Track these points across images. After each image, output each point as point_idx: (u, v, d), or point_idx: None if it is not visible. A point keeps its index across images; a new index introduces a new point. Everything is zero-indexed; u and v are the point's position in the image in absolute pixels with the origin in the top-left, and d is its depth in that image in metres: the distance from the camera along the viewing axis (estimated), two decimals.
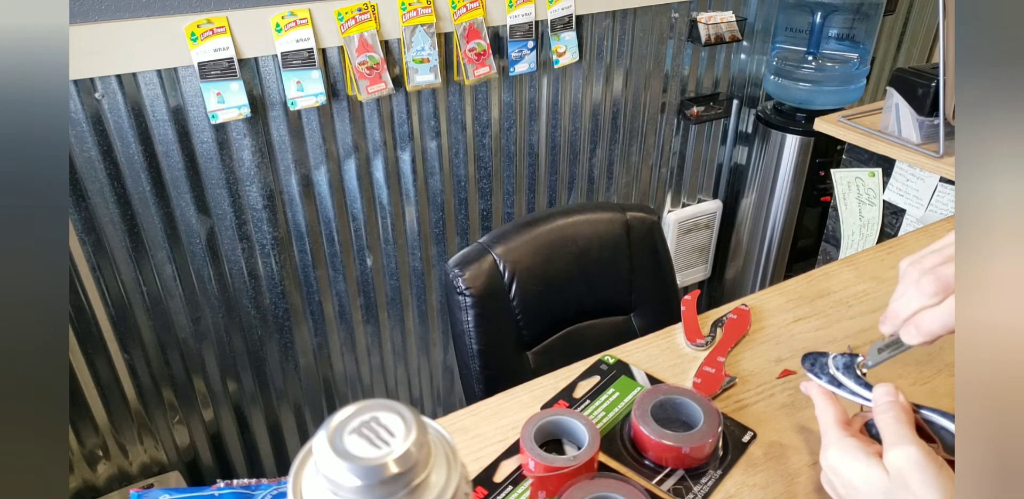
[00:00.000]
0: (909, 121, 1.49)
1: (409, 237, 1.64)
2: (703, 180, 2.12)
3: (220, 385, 1.56)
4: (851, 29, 1.88)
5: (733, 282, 2.25)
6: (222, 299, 1.47)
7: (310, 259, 1.53)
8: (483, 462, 0.68)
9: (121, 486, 1.54)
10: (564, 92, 1.68)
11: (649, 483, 0.66)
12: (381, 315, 1.70)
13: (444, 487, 0.36)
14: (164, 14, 1.17)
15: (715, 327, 0.86)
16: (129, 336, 1.40)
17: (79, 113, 1.18)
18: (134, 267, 1.35)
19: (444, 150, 1.58)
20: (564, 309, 1.18)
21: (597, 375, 0.79)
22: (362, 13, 1.31)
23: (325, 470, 0.34)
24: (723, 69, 1.95)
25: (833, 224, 1.75)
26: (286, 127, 1.37)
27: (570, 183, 1.83)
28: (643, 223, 1.20)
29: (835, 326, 0.86)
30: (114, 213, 1.28)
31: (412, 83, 1.42)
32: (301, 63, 1.29)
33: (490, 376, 1.10)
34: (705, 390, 0.76)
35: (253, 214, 1.41)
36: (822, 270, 0.98)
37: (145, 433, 1.52)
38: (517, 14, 1.49)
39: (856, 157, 1.63)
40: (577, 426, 0.66)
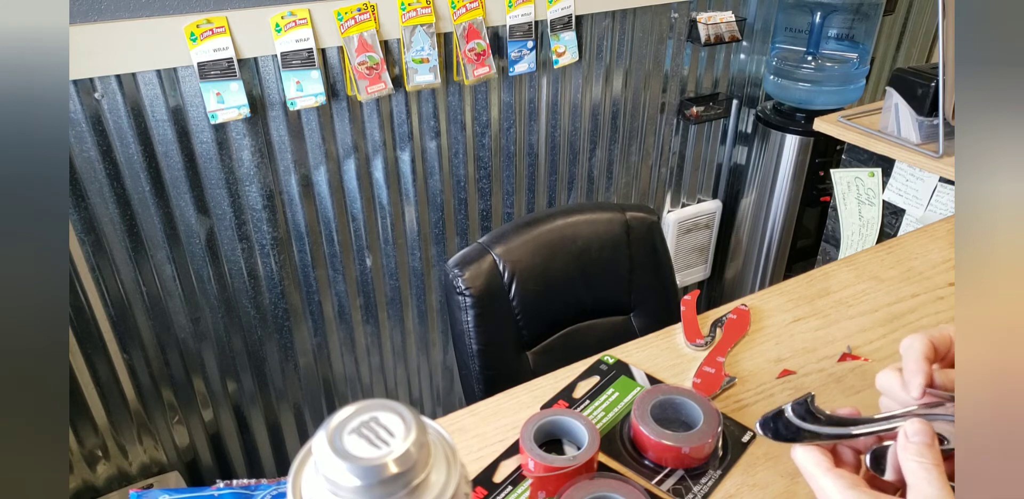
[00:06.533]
0: (909, 121, 1.49)
1: (409, 237, 1.64)
2: (703, 180, 2.12)
3: (220, 385, 1.56)
4: (851, 29, 1.88)
5: (733, 282, 2.25)
6: (222, 299, 1.47)
7: (310, 259, 1.53)
8: (483, 462, 0.68)
9: (121, 486, 1.54)
10: (564, 92, 1.68)
11: (649, 483, 0.66)
12: (381, 315, 1.70)
13: (444, 487, 0.36)
14: (164, 14, 1.17)
15: (715, 327, 0.86)
16: (129, 336, 1.40)
17: (79, 113, 1.18)
18: (133, 267, 1.35)
19: (444, 150, 1.58)
20: (564, 309, 1.18)
21: (597, 375, 0.79)
22: (362, 13, 1.31)
23: (325, 470, 0.34)
24: (723, 69, 1.95)
25: (833, 224, 1.75)
26: (286, 127, 1.37)
27: (570, 183, 1.83)
28: (643, 223, 1.20)
29: (834, 326, 0.86)
30: (113, 213, 1.28)
31: (412, 83, 1.42)
32: (301, 63, 1.29)
33: (490, 376, 1.10)
34: (705, 390, 0.76)
35: (253, 214, 1.41)
36: (822, 270, 0.98)
37: (145, 433, 1.52)
38: (517, 14, 1.49)
39: (856, 157, 1.63)
40: (577, 426, 0.66)
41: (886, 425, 0.50)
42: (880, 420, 0.50)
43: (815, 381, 0.78)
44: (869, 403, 0.74)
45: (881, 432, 0.50)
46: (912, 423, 0.48)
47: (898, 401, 0.53)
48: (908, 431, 0.47)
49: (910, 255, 1.01)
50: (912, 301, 0.91)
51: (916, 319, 0.87)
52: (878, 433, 0.50)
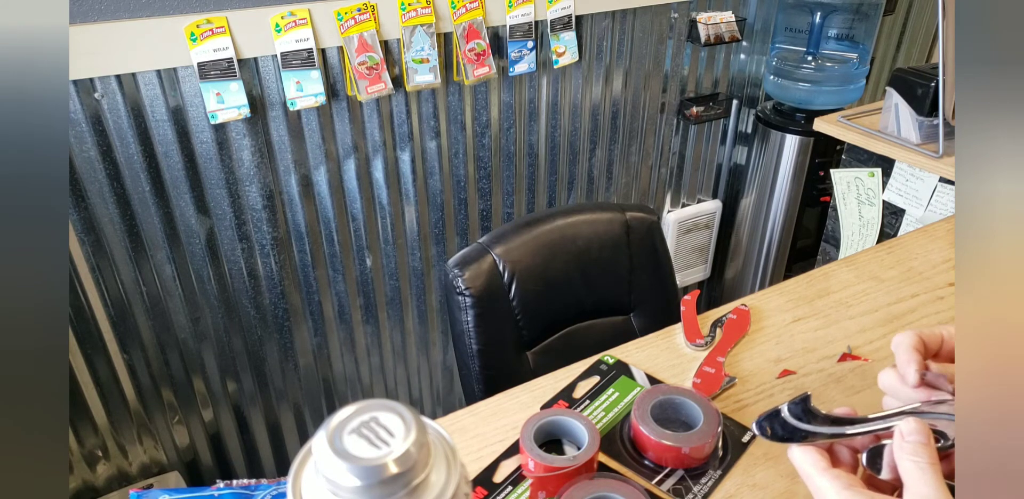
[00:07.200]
0: (909, 121, 1.49)
1: (409, 237, 1.64)
2: (703, 180, 2.12)
3: (220, 385, 1.56)
4: (850, 29, 1.88)
5: (733, 282, 2.25)
6: (221, 299, 1.47)
7: (310, 259, 1.53)
8: (483, 462, 0.68)
9: (121, 486, 1.54)
10: (564, 92, 1.68)
11: (649, 483, 0.66)
12: (381, 315, 1.70)
13: (444, 487, 0.36)
14: (164, 14, 1.17)
15: (715, 327, 0.86)
16: (128, 336, 1.40)
17: (79, 113, 1.18)
18: (133, 267, 1.35)
19: (444, 150, 1.58)
20: (564, 309, 1.18)
21: (597, 375, 0.79)
22: (362, 13, 1.31)
23: (325, 470, 0.34)
24: (723, 69, 1.95)
25: (833, 224, 1.75)
26: (286, 127, 1.37)
27: (570, 183, 1.83)
28: (643, 223, 1.20)
29: (834, 326, 0.86)
30: (113, 213, 1.28)
31: (412, 83, 1.42)
32: (301, 63, 1.29)
33: (490, 376, 1.10)
34: (705, 390, 0.76)
35: (253, 214, 1.41)
36: (822, 270, 0.98)
37: (144, 433, 1.52)
38: (517, 14, 1.49)
39: (856, 157, 1.63)
40: (577, 426, 0.66)
41: (882, 424, 0.50)
42: (876, 419, 0.50)
43: (815, 381, 0.78)
44: (869, 403, 0.74)
45: (877, 431, 0.50)
46: (908, 422, 0.48)
47: (901, 398, 0.54)
48: (904, 430, 0.47)
49: (910, 255, 1.01)
50: (912, 301, 0.91)
51: (916, 319, 0.87)
52: (874, 432, 0.50)
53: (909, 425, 0.47)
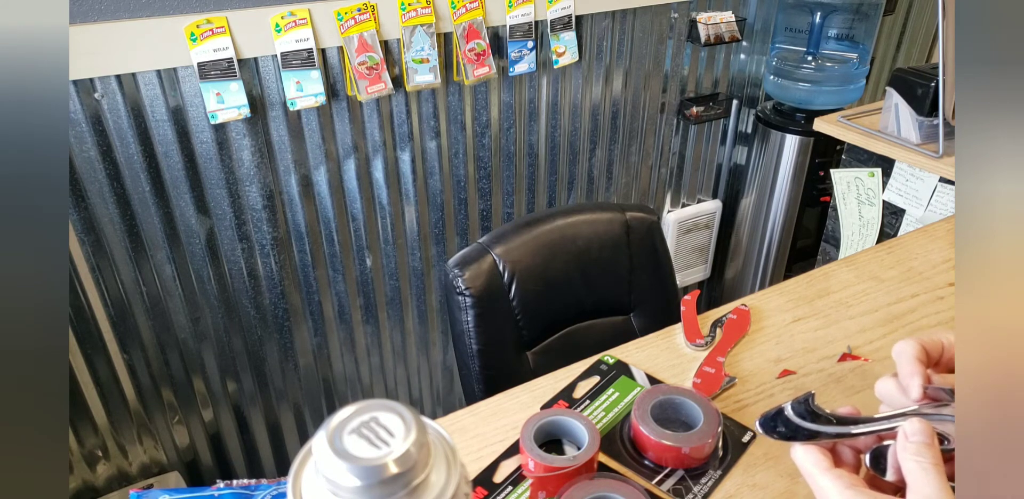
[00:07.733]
0: (909, 121, 1.49)
1: (409, 237, 1.64)
2: (703, 180, 2.12)
3: (220, 385, 1.56)
4: (850, 29, 1.88)
5: (733, 282, 2.25)
6: (222, 299, 1.47)
7: (310, 259, 1.53)
8: (483, 462, 0.68)
9: (121, 486, 1.54)
10: (564, 92, 1.68)
11: (649, 483, 0.66)
12: (381, 315, 1.70)
13: (444, 487, 0.36)
14: (164, 14, 1.17)
15: (715, 327, 0.86)
16: (128, 336, 1.40)
17: (79, 113, 1.18)
18: (133, 267, 1.35)
19: (444, 150, 1.58)
20: (564, 309, 1.18)
21: (597, 375, 0.79)
22: (362, 13, 1.31)
23: (325, 470, 0.34)
24: (723, 69, 1.95)
25: (833, 224, 1.75)
26: (285, 127, 1.37)
27: (570, 183, 1.83)
28: (643, 223, 1.20)
29: (834, 326, 0.86)
30: (113, 213, 1.28)
31: (412, 83, 1.42)
32: (301, 63, 1.29)
33: (490, 376, 1.10)
34: (705, 390, 0.76)
35: (253, 214, 1.41)
36: (822, 270, 0.98)
37: (144, 433, 1.52)
38: (517, 14, 1.49)
39: (856, 157, 1.63)
40: (577, 426, 0.66)
41: (886, 424, 0.49)
42: (880, 419, 0.50)
43: (815, 381, 0.78)
44: (869, 403, 0.74)
45: (881, 431, 0.50)
46: (912, 422, 0.48)
47: (897, 408, 0.53)
48: (908, 430, 0.47)
49: (910, 255, 1.01)
50: (912, 301, 0.91)
51: (916, 319, 0.87)
52: (878, 432, 0.50)
53: (913, 425, 0.47)
